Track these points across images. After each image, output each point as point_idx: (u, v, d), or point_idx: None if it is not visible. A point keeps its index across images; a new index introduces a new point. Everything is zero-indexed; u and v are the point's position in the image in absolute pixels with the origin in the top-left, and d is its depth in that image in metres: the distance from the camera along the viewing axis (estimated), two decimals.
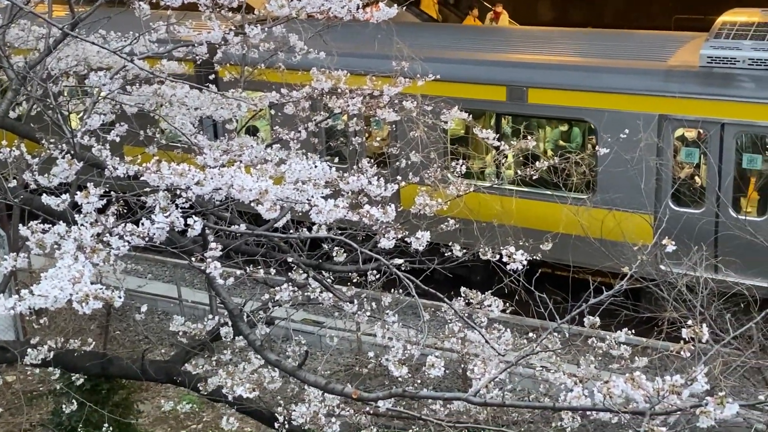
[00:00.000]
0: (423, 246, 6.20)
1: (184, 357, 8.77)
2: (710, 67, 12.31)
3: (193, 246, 6.55)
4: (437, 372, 5.27)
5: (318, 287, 7.85)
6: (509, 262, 5.77)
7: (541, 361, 9.04)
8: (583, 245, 11.89)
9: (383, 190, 6.11)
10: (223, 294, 6.90)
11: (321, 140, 14.29)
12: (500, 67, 13.79)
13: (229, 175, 5.07)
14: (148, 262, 15.93)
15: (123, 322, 14.58)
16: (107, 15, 9.32)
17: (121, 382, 10.68)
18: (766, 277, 11.95)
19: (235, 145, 8.25)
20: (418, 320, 7.12)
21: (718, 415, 4.34)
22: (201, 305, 14.02)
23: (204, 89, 8.19)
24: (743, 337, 9.10)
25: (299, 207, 5.42)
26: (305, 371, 6.41)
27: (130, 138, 9.02)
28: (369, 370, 11.06)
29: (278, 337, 12.75)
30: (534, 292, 7.40)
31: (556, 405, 5.10)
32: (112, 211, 6.13)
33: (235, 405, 7.89)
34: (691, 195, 12.52)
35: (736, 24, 12.57)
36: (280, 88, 9.34)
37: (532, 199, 13.22)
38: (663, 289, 9.74)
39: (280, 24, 8.98)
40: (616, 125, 12.36)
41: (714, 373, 8.13)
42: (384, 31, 10.47)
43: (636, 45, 14.17)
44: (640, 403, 4.49)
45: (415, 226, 7.13)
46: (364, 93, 9.16)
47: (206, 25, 7.80)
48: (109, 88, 7.23)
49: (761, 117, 11.86)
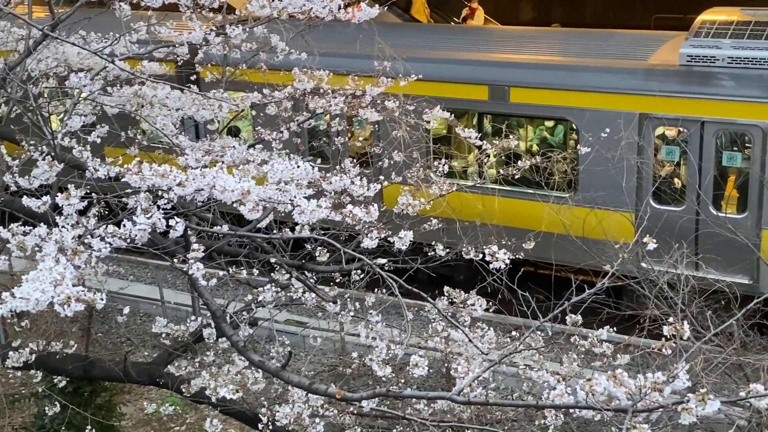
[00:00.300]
0: (406, 245, 6.20)
1: (167, 359, 8.74)
2: (690, 65, 12.38)
3: (176, 247, 6.53)
4: (421, 371, 5.27)
5: (301, 288, 7.84)
6: (492, 261, 5.79)
7: (524, 360, 9.06)
8: (565, 244, 11.94)
9: (366, 189, 6.12)
10: (206, 295, 6.87)
11: (303, 140, 14.27)
12: (482, 67, 13.83)
13: (211, 175, 5.06)
14: (130, 264, 15.87)
15: (105, 325, 14.51)
16: (87, 16, 9.28)
17: (104, 385, 10.64)
18: (746, 274, 12.03)
19: (217, 145, 8.22)
20: (402, 320, 7.14)
21: (699, 411, 4.37)
22: (183, 307, 13.98)
23: (185, 89, 8.17)
24: (724, 334, 9.17)
25: (282, 207, 5.41)
26: (289, 372, 6.40)
27: (111, 139, 8.98)
28: (353, 370, 11.06)
29: (261, 338, 12.73)
30: (517, 290, 7.43)
31: (539, 403, 5.12)
32: (93, 213, 6.10)
33: (218, 406, 7.87)
34: (671, 193, 12.59)
35: (715, 23, 12.65)
36: (261, 89, 9.33)
37: (515, 198, 13.26)
38: (644, 286, 9.80)
39: (262, 24, 8.97)
40: (597, 124, 12.42)
41: (695, 370, 8.17)
42: (366, 31, 10.46)
43: (616, 44, 14.24)
44: (622, 400, 4.52)
45: (398, 225, 7.14)
46: (347, 93, 9.16)
47: (187, 26, 7.78)
48: (89, 89, 7.20)
49: (741, 115, 11.95)
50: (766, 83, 11.86)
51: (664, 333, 4.79)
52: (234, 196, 5.04)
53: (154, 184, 5.09)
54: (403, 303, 5.97)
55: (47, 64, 9.52)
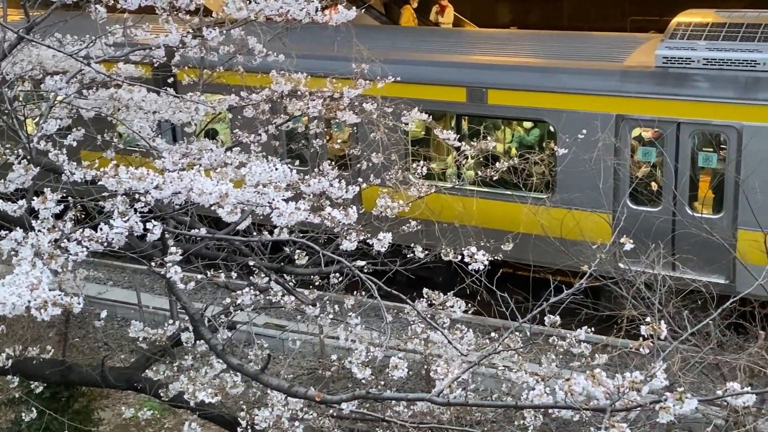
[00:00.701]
0: (385, 247, 6.20)
1: (145, 363, 8.69)
2: (665, 67, 12.47)
3: (153, 251, 6.49)
4: (400, 373, 5.27)
5: (280, 291, 7.82)
6: (471, 262, 5.80)
7: (503, 361, 9.09)
8: (543, 245, 11.98)
9: (345, 192, 6.12)
10: (184, 298, 6.85)
11: (281, 143, 14.25)
12: (460, 69, 13.86)
13: (189, 178, 5.04)
14: (108, 269, 15.78)
15: (82, 329, 14.41)
16: (63, 19, 9.21)
17: (81, 390, 10.57)
18: (722, 273, 12.13)
19: (194, 148, 8.19)
20: (381, 322, 7.13)
21: (677, 410, 4.40)
22: (161, 311, 13.91)
23: (162, 92, 8.13)
24: (701, 334, 9.23)
25: (260, 210, 5.40)
26: (268, 375, 6.38)
27: (87, 143, 8.92)
28: (332, 373, 11.02)
29: (240, 341, 12.68)
30: (496, 291, 7.45)
31: (518, 403, 5.13)
32: (69, 217, 6.06)
33: (197, 411, 7.84)
34: (648, 194, 12.67)
35: (690, 25, 12.75)
36: (239, 91, 9.29)
37: (493, 199, 13.30)
38: (622, 287, 9.85)
39: (239, 27, 8.93)
40: (574, 125, 12.48)
41: (673, 369, 8.23)
42: (343, 33, 10.46)
43: (593, 46, 14.32)
44: (600, 399, 4.54)
45: (377, 228, 7.14)
46: (325, 95, 9.15)
47: (163, 28, 7.75)
48: (65, 93, 7.15)
49: (716, 116, 12.05)
50: (740, 84, 11.96)
51: (642, 333, 4.81)
52: (212, 199, 5.02)
53: (131, 187, 5.06)
54: (382, 305, 5.97)
55: (22, 67, 9.44)
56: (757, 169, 11.48)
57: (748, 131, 11.72)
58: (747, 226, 11.44)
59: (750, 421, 8.44)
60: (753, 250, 10.51)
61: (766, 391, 7.87)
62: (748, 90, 11.89)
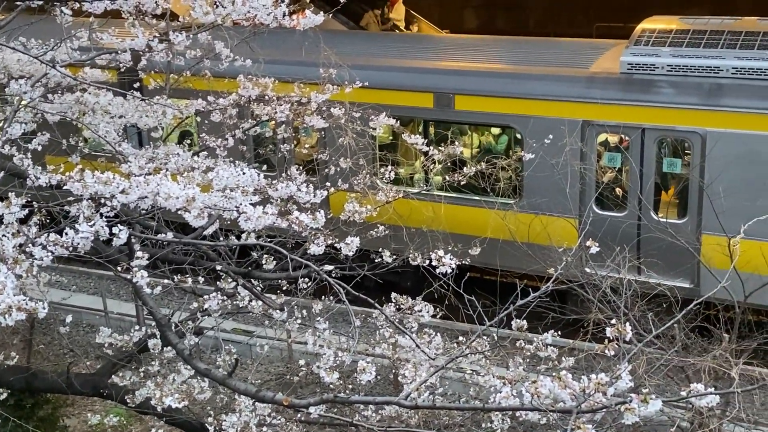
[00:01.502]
0: (353, 252, 6.22)
1: (111, 369, 8.63)
2: (630, 73, 12.60)
3: (119, 255, 6.45)
4: (368, 377, 5.28)
5: (248, 296, 7.80)
6: (439, 266, 5.83)
7: (471, 365, 9.14)
8: (510, 249, 12.05)
9: (312, 196, 6.12)
10: (151, 303, 6.81)
11: (249, 148, 14.20)
12: (427, 75, 13.90)
13: (155, 183, 5.02)
14: (73, 274, 15.63)
15: (47, 336, 14.26)
16: (28, 22, 9.13)
17: (46, 397, 10.45)
18: (687, 277, 12.27)
19: (160, 153, 8.16)
20: (349, 327, 7.13)
21: (642, 411, 4.45)
22: (127, 317, 13.79)
23: (128, 95, 8.09)
24: (666, 337, 9.32)
25: (227, 214, 5.39)
26: (235, 380, 6.36)
27: (53, 147, 8.85)
28: (300, 378, 11.01)
29: (207, 347, 12.61)
30: (463, 295, 7.48)
31: (485, 406, 5.16)
32: (34, 221, 6.01)
33: (163, 417, 7.78)
34: (614, 199, 12.79)
35: (655, 31, 12.89)
36: (206, 96, 9.26)
37: (461, 204, 13.35)
38: (588, 290, 9.92)
39: (206, 31, 8.91)
40: (541, 131, 12.56)
41: (638, 372, 8.30)
42: (311, 38, 10.46)
43: (559, 52, 14.43)
44: (567, 402, 4.58)
45: (345, 232, 7.14)
46: (292, 100, 9.15)
47: (130, 33, 7.70)
48: (30, 96, 7.08)
49: (680, 122, 12.18)
50: (704, 91, 12.12)
51: (608, 335, 4.86)
52: (179, 203, 5.01)
53: (97, 191, 5.03)
54: (350, 309, 5.98)
55: None
56: (721, 175, 11.63)
57: (711, 137, 11.87)
58: (711, 230, 11.58)
59: (715, 422, 8.54)
60: (717, 255, 10.64)
61: (730, 392, 7.97)
62: (712, 96, 12.05)
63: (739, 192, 11.62)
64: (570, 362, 7.99)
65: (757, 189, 11.65)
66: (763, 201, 11.51)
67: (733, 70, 12.00)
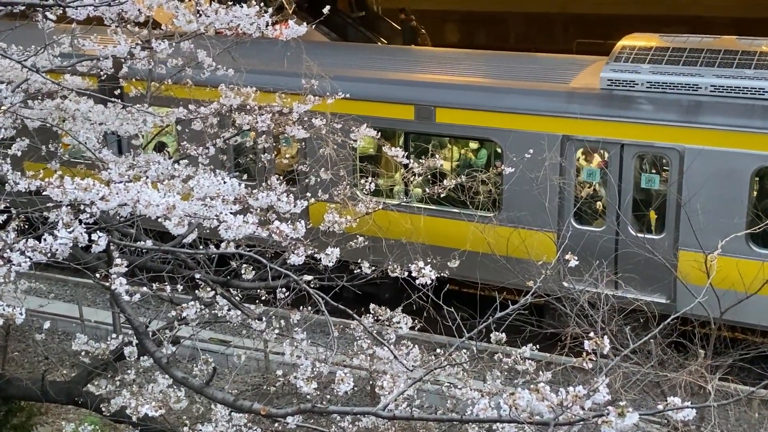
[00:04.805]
0: (332, 262, 6.22)
1: (87, 377, 8.57)
2: (610, 89, 12.70)
3: (98, 262, 6.42)
4: (346, 387, 5.27)
5: (226, 305, 7.77)
6: (418, 277, 5.84)
7: (448, 377, 9.14)
8: (489, 262, 12.08)
9: (292, 206, 6.11)
10: (129, 311, 6.77)
11: (230, 157, 14.18)
12: (409, 87, 13.95)
13: (136, 190, 5.00)
14: (50, 281, 15.51)
15: (22, 343, 14.13)
16: (9, 28, 9.09)
17: (20, 405, 10.35)
18: (663, 293, 12.34)
19: (141, 160, 8.13)
20: (327, 337, 7.13)
21: (619, 424, 4.47)
22: (104, 325, 13.71)
23: (109, 102, 8.05)
24: (643, 352, 9.37)
25: (207, 223, 5.38)
26: (213, 389, 6.34)
27: (32, 153, 8.80)
28: (277, 388, 10.97)
29: (184, 357, 12.54)
30: (442, 307, 7.49)
31: (463, 417, 5.17)
32: (12, 227, 5.97)
33: (139, 426, 7.73)
34: (592, 213, 12.86)
35: (635, 48, 13.01)
36: (187, 104, 9.25)
37: (440, 217, 13.38)
38: (566, 304, 9.96)
39: (188, 39, 8.91)
40: (521, 145, 12.63)
41: (615, 386, 8.34)
42: (293, 49, 10.47)
43: (540, 67, 14.52)
44: (545, 414, 4.59)
45: (325, 243, 7.14)
46: (274, 110, 9.15)
47: (112, 40, 7.68)
48: (9, 102, 7.05)
49: (659, 138, 12.29)
50: (683, 107, 12.23)
51: (585, 348, 4.88)
52: (159, 211, 4.99)
53: (76, 198, 5.00)
54: (329, 320, 5.97)
55: None
56: (698, 191, 11.73)
57: (689, 153, 11.98)
58: (688, 246, 11.67)
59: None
60: (693, 271, 10.71)
61: (706, 406, 8.02)
62: (690, 113, 12.17)
63: (716, 209, 11.72)
64: (548, 376, 8.01)
65: (733, 206, 11.75)
66: (739, 218, 11.61)
67: (711, 88, 12.12)
